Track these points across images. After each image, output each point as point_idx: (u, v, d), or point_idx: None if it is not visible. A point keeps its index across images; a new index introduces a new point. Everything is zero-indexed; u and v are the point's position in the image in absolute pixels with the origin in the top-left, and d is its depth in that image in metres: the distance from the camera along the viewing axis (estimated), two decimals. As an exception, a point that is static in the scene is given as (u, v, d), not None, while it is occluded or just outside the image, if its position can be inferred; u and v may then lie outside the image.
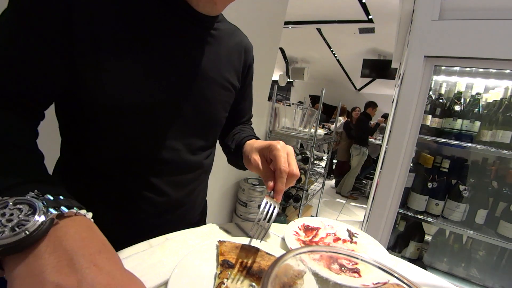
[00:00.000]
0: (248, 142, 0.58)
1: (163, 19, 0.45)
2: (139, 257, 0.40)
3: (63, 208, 0.22)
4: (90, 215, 0.25)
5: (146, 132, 0.47)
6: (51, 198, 0.22)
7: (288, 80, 7.47)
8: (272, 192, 0.46)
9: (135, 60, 0.43)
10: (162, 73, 0.46)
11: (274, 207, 0.44)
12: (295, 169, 0.46)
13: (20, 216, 0.20)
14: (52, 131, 0.48)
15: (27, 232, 0.19)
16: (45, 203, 0.21)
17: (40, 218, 0.20)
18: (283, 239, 0.53)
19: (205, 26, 0.51)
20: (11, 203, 0.21)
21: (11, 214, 0.20)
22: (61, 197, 0.24)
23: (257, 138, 0.61)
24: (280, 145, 0.48)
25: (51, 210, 0.21)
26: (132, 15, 0.42)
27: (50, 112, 0.46)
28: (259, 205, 2.08)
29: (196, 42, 0.50)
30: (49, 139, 0.50)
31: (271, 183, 0.46)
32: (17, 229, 0.19)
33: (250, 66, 0.65)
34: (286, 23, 5.01)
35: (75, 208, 0.23)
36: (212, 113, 0.55)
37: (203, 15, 0.49)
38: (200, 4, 0.47)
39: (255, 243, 0.46)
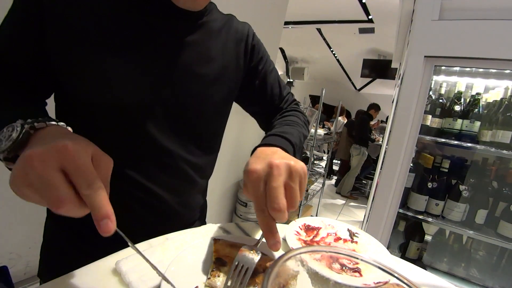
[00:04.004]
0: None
1: (143, 16, 0.44)
2: (139, 257, 0.40)
3: (36, 124, 0.33)
4: (62, 123, 0.36)
5: (132, 132, 0.46)
6: (30, 121, 0.33)
7: (288, 80, 7.48)
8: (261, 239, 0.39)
9: (114, 59, 0.42)
10: (143, 72, 0.44)
11: (247, 268, 0.34)
12: (279, 204, 0.34)
13: (9, 133, 0.32)
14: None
15: (14, 138, 0.32)
16: (22, 124, 0.33)
17: (17, 132, 0.32)
18: (284, 239, 0.53)
19: (189, 22, 0.48)
20: (4, 129, 0.33)
21: (5, 134, 0.32)
22: (40, 119, 0.33)
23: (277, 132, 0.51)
24: (251, 182, 0.36)
25: (25, 126, 0.32)
26: (109, 12, 0.42)
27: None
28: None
29: (180, 38, 0.47)
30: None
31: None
32: (8, 139, 0.32)
33: (253, 48, 0.59)
34: (286, 23, 5.01)
35: (46, 123, 0.33)
36: (201, 110, 0.52)
37: (185, 11, 0.46)
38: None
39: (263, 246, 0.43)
